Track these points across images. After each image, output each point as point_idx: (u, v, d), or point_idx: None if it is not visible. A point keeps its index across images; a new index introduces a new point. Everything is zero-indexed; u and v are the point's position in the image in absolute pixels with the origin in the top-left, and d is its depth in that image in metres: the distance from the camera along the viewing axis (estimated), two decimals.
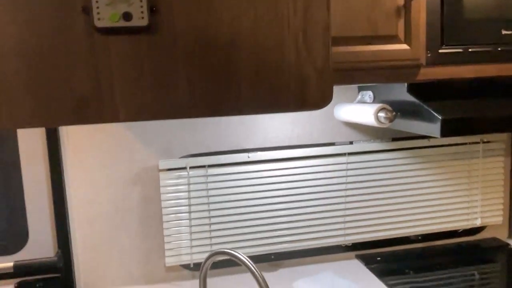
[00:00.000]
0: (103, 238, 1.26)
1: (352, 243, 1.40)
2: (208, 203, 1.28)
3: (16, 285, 1.24)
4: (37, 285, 1.25)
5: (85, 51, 0.46)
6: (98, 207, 1.25)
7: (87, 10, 0.49)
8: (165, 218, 1.27)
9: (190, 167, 1.26)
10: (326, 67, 0.51)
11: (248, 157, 1.29)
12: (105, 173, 1.24)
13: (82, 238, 1.25)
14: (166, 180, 1.26)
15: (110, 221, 1.26)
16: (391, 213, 1.40)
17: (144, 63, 0.47)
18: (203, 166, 1.27)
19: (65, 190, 1.22)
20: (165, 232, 1.27)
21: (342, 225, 1.37)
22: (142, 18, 0.51)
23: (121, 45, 0.47)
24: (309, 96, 0.51)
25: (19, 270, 1.22)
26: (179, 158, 1.27)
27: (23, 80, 0.45)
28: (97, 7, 0.49)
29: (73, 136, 1.21)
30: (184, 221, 1.27)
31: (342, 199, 1.36)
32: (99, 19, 0.51)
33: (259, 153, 1.30)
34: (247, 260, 0.82)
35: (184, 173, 1.26)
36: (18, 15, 0.44)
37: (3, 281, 1.23)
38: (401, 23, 0.96)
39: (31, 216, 1.24)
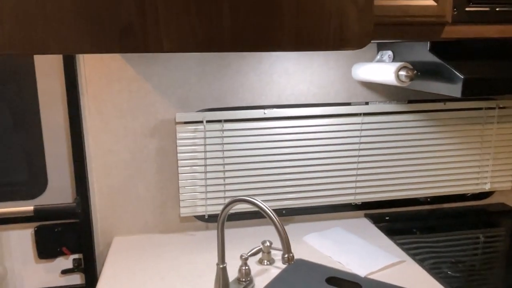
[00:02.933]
0: (120, 187, 1.29)
1: (362, 202, 1.43)
2: (223, 157, 1.30)
3: (35, 229, 1.28)
4: (56, 229, 1.29)
5: None
6: (115, 156, 1.27)
7: None
8: (180, 170, 1.29)
9: (207, 121, 1.28)
10: (368, 6, 0.51)
11: (264, 113, 1.30)
12: (123, 123, 1.26)
13: (100, 185, 1.28)
14: (183, 133, 1.27)
15: (127, 170, 1.28)
16: (402, 175, 1.42)
17: None
18: (219, 121, 1.28)
19: (83, 138, 1.24)
20: (181, 184, 1.30)
21: (353, 184, 1.39)
22: None
23: None
24: (349, 35, 0.51)
25: (39, 214, 1.26)
26: (196, 111, 1.28)
27: (71, 5, 0.46)
28: None
29: (92, 86, 1.22)
30: (199, 173, 1.30)
31: (355, 159, 1.38)
32: None
33: (275, 109, 1.30)
34: (266, 207, 0.84)
35: (200, 126, 1.27)
36: None
37: (24, 224, 1.28)
38: None
39: (50, 163, 1.27)
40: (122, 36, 0.47)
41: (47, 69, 1.21)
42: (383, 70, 1.14)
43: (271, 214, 0.83)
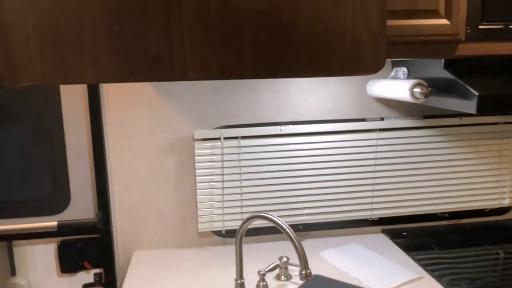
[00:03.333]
0: (140, 202, 1.32)
1: (379, 218, 1.43)
2: (240, 173, 1.33)
3: (58, 243, 1.32)
4: (78, 244, 1.33)
5: (159, 11, 0.49)
6: (136, 172, 1.31)
7: None
8: (198, 186, 1.32)
9: (224, 138, 1.30)
10: (381, 32, 0.53)
11: (281, 130, 1.32)
12: (143, 140, 1.29)
13: (121, 201, 1.32)
14: (201, 149, 1.30)
15: (146, 186, 1.32)
16: (419, 190, 1.42)
17: (212, 24, 0.50)
18: (236, 137, 1.31)
19: (105, 155, 1.27)
20: (198, 199, 1.32)
21: (370, 200, 1.40)
22: None
23: (192, 5, 0.50)
24: (363, 61, 0.54)
25: (62, 230, 1.29)
26: (214, 128, 1.31)
27: (106, 38, 0.49)
28: None
29: (113, 104, 1.27)
30: (217, 189, 1.32)
31: (371, 174, 1.38)
32: None
33: (291, 126, 1.33)
34: (284, 224, 0.86)
35: (218, 143, 1.30)
36: None
37: (47, 239, 1.32)
38: None
39: (73, 179, 1.31)
40: (152, 66, 0.50)
41: (71, 87, 1.26)
42: (397, 87, 1.16)
43: (288, 231, 0.84)
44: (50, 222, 1.29)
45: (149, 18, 0.50)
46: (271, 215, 0.88)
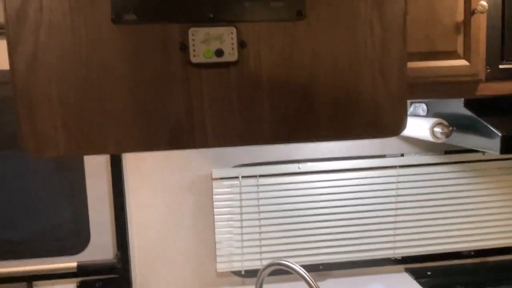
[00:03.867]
0: (159, 242, 1.32)
1: (402, 257, 1.39)
2: (259, 212, 1.31)
3: (78, 284, 1.31)
4: (97, 285, 1.32)
5: (180, 83, 0.51)
6: (154, 212, 1.31)
7: (184, 48, 0.54)
8: (217, 225, 1.31)
9: (242, 177, 1.30)
10: (401, 95, 0.53)
11: (299, 167, 1.31)
12: (161, 180, 1.30)
13: (139, 241, 1.31)
14: (219, 188, 1.30)
15: (165, 226, 1.32)
16: (443, 227, 1.38)
17: (232, 93, 0.51)
18: (255, 176, 1.31)
19: (125, 194, 1.28)
20: (217, 239, 1.31)
21: (392, 238, 1.36)
22: (232, 54, 0.56)
23: (212, 77, 0.51)
24: (384, 124, 0.53)
25: (82, 270, 1.29)
26: (232, 167, 1.31)
27: (129, 110, 0.51)
28: (193, 45, 0.54)
29: None
30: (236, 228, 1.31)
31: (393, 212, 1.35)
32: (194, 55, 0.56)
33: (309, 164, 1.32)
34: (304, 272, 0.84)
35: (236, 182, 1.30)
36: (131, 58, 0.50)
37: (67, 280, 1.32)
38: (460, 39, 0.95)
39: (93, 219, 1.31)
40: (172, 136, 0.51)
41: None
42: (417, 125, 1.14)
43: (309, 279, 0.82)
44: (70, 263, 1.29)
45: (171, 89, 0.51)
46: (289, 262, 0.86)
